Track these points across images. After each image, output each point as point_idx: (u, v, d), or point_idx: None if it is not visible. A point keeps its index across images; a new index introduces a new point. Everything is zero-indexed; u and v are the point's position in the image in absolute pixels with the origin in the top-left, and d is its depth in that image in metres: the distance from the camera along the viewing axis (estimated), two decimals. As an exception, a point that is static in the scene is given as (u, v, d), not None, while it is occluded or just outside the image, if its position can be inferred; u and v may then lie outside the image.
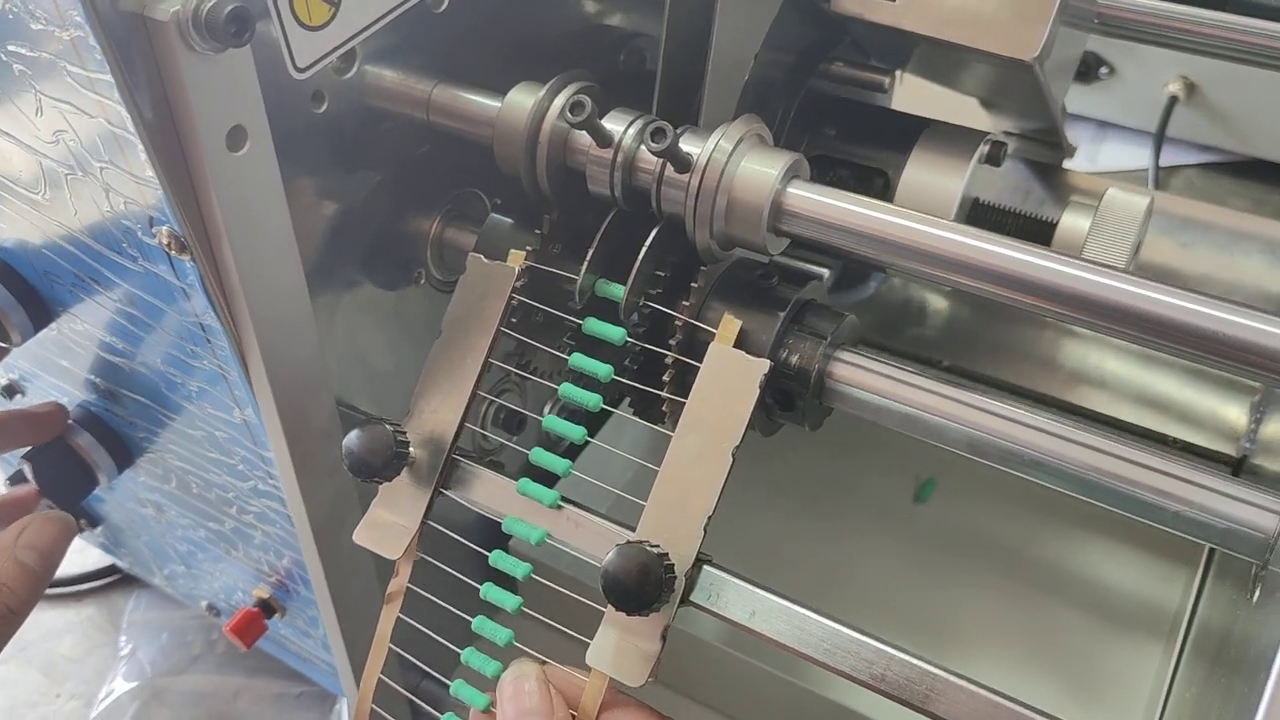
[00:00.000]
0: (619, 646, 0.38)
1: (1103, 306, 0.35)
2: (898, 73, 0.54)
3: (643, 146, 0.39)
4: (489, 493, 0.42)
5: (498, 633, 0.41)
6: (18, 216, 0.42)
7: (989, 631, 0.60)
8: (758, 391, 0.38)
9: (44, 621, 0.69)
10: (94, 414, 0.52)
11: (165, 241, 0.37)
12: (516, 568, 0.41)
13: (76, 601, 0.70)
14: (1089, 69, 0.87)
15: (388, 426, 0.40)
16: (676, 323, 0.40)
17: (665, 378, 0.41)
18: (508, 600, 0.41)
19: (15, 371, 0.54)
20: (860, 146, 0.47)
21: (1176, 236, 0.64)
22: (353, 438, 0.40)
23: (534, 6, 0.46)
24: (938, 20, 0.43)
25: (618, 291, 0.40)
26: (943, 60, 0.49)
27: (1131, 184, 0.83)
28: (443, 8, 0.43)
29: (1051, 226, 0.46)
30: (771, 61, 0.44)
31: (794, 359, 0.40)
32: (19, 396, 0.55)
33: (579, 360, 0.41)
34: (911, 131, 0.47)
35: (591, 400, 0.41)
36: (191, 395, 0.45)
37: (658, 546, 0.37)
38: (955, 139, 0.47)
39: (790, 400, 0.40)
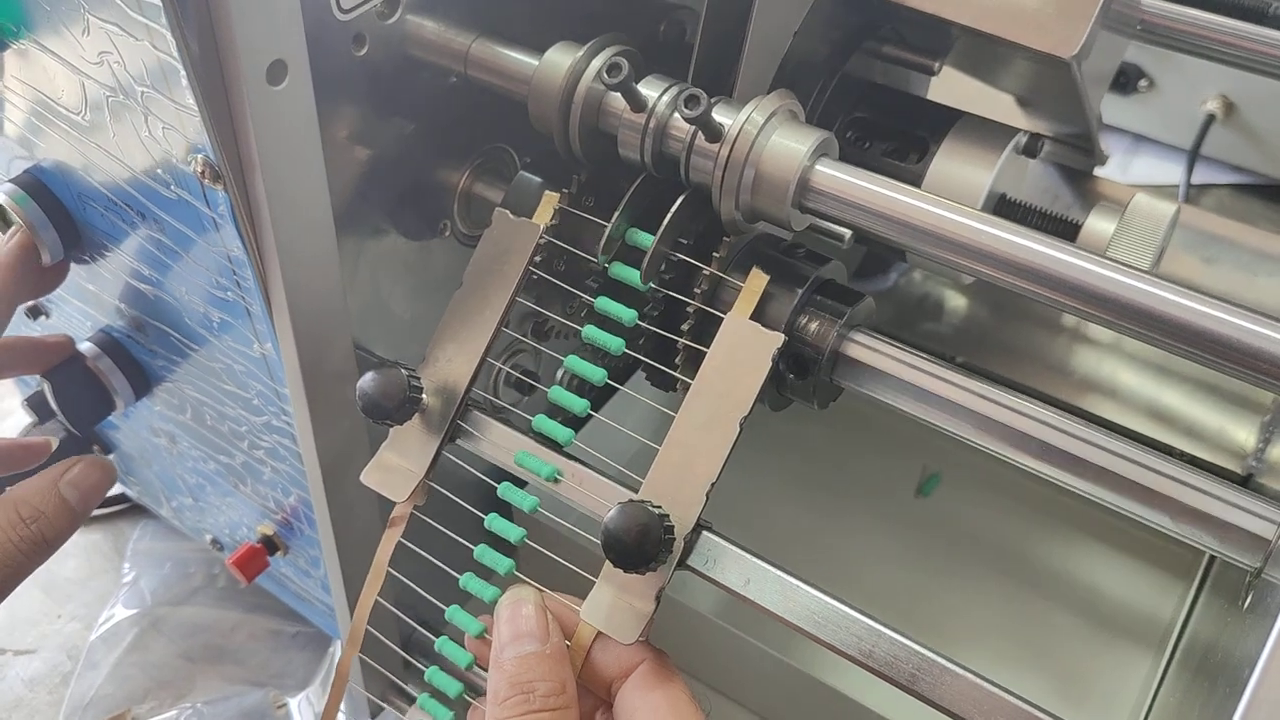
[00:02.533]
0: (614, 603, 0.38)
1: (1122, 305, 0.35)
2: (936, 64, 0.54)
3: (675, 114, 0.39)
4: (499, 441, 0.42)
5: (499, 561, 0.41)
6: (57, 137, 0.43)
7: (981, 627, 0.61)
8: (770, 364, 0.38)
9: (51, 543, 0.70)
10: (116, 340, 0.52)
11: (200, 170, 0.37)
12: (524, 500, 0.41)
13: (84, 526, 0.71)
14: (1129, 80, 0.87)
15: (403, 371, 0.41)
16: (695, 290, 0.41)
17: (679, 344, 0.41)
18: (511, 531, 0.41)
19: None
20: (890, 133, 0.47)
21: (1201, 252, 0.63)
22: (368, 379, 0.41)
23: (579, -31, 0.47)
24: (979, 11, 0.43)
25: (646, 240, 0.41)
26: (982, 53, 0.50)
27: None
28: (489, -39, 0.43)
29: (1076, 228, 0.46)
30: (811, 39, 0.44)
31: (809, 334, 0.40)
32: (43, 318, 0.56)
33: (592, 332, 0.42)
34: (945, 122, 0.47)
35: (615, 344, 0.41)
36: (214, 327, 0.45)
37: (659, 507, 0.37)
38: (988, 132, 0.47)
39: (805, 369, 0.40)
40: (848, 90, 0.48)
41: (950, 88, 0.56)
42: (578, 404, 0.41)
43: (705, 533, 0.39)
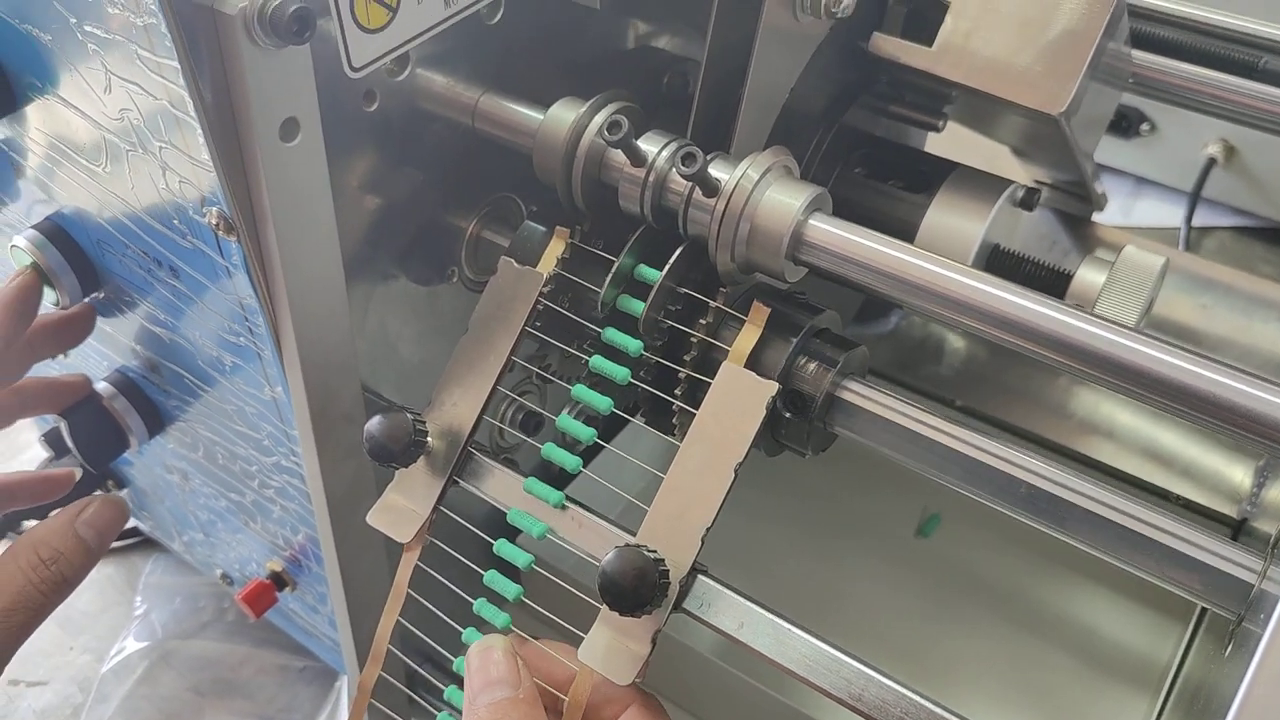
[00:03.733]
0: (610, 645, 0.39)
1: (1104, 360, 0.36)
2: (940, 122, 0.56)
3: (674, 169, 0.41)
4: (499, 487, 0.43)
5: (496, 616, 0.42)
6: (77, 185, 0.44)
7: (978, 669, 0.61)
8: (765, 412, 0.39)
9: (64, 576, 0.71)
10: (131, 380, 0.54)
11: (214, 222, 0.38)
12: (519, 557, 0.42)
13: (97, 560, 0.72)
14: (1130, 124, 0.88)
15: (408, 415, 0.42)
16: (693, 340, 0.42)
17: (678, 391, 0.42)
18: (509, 588, 0.42)
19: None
20: (883, 189, 0.49)
21: (1197, 297, 0.64)
22: (374, 423, 0.42)
23: (584, 26, 0.48)
24: (970, 69, 0.44)
25: (638, 307, 0.42)
26: (976, 107, 0.51)
27: (1162, 242, 0.84)
28: (496, 19, 0.45)
29: (1067, 278, 0.47)
30: (808, 94, 0.46)
31: (803, 382, 0.41)
32: (62, 357, 0.57)
33: (599, 362, 0.43)
34: (939, 173, 0.49)
35: (603, 404, 0.42)
36: (226, 370, 0.47)
37: (655, 552, 0.38)
38: (981, 184, 0.48)
39: (804, 407, 0.41)
40: (846, 141, 0.49)
41: (950, 137, 0.57)
42: (570, 461, 0.42)
43: (700, 576, 0.40)
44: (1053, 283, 0.48)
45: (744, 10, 0.41)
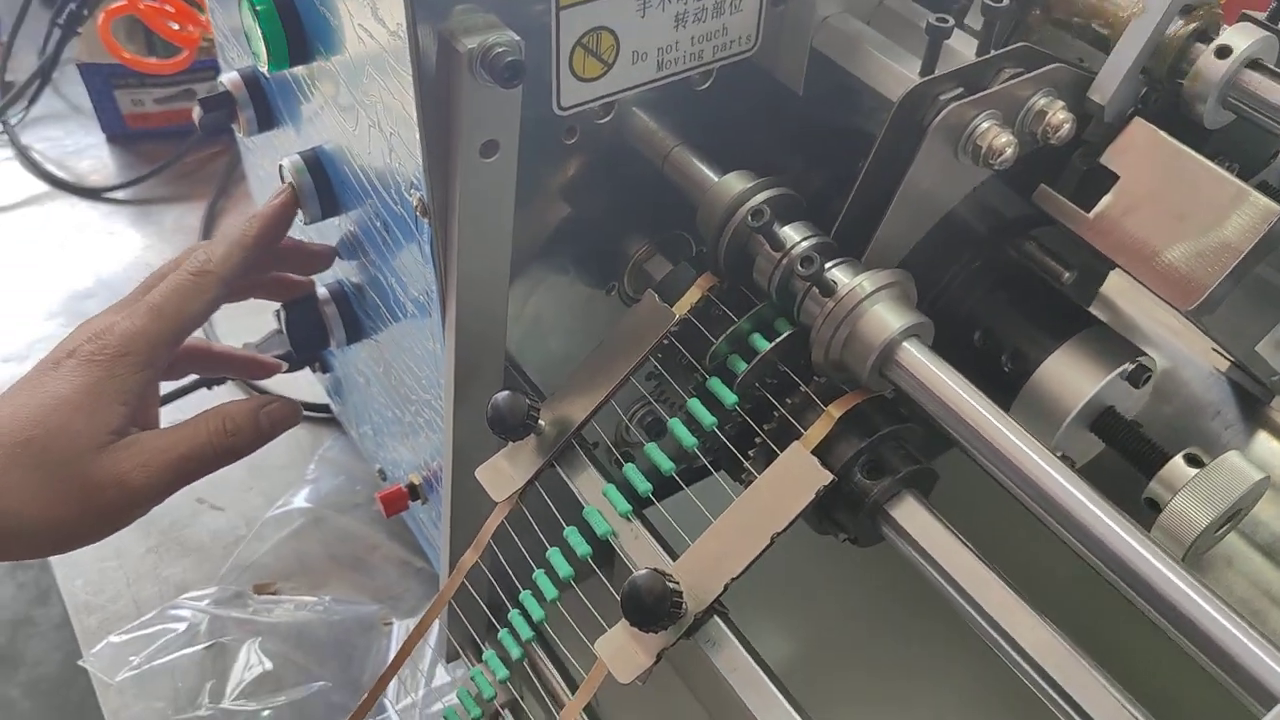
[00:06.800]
0: (622, 647, 0.45)
1: (1135, 581, 0.38)
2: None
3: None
4: (586, 480, 0.50)
5: (563, 566, 0.49)
6: (334, 133, 0.53)
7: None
8: (813, 497, 0.44)
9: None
10: (345, 293, 0.63)
11: (415, 204, 0.46)
12: (600, 525, 0.48)
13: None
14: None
15: (525, 400, 0.49)
16: (774, 414, 0.47)
17: (751, 453, 0.47)
18: (581, 545, 0.48)
19: (304, 237, 0.66)
20: (1019, 322, 0.51)
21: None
22: (500, 397, 0.49)
23: (786, 104, 0.53)
24: (1116, 244, 0.46)
25: (740, 367, 0.47)
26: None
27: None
28: (704, 86, 0.50)
29: (1164, 459, 0.48)
30: (963, 221, 0.49)
31: (860, 480, 0.45)
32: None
33: (694, 405, 0.48)
34: (1075, 324, 0.50)
35: (689, 441, 0.48)
36: (408, 314, 0.55)
37: (678, 584, 0.43)
38: (1109, 346, 0.49)
39: (881, 470, 0.45)
40: (996, 270, 0.52)
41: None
42: (641, 485, 0.48)
43: (717, 617, 0.45)
44: (1151, 460, 0.49)
45: (913, 131, 0.45)
